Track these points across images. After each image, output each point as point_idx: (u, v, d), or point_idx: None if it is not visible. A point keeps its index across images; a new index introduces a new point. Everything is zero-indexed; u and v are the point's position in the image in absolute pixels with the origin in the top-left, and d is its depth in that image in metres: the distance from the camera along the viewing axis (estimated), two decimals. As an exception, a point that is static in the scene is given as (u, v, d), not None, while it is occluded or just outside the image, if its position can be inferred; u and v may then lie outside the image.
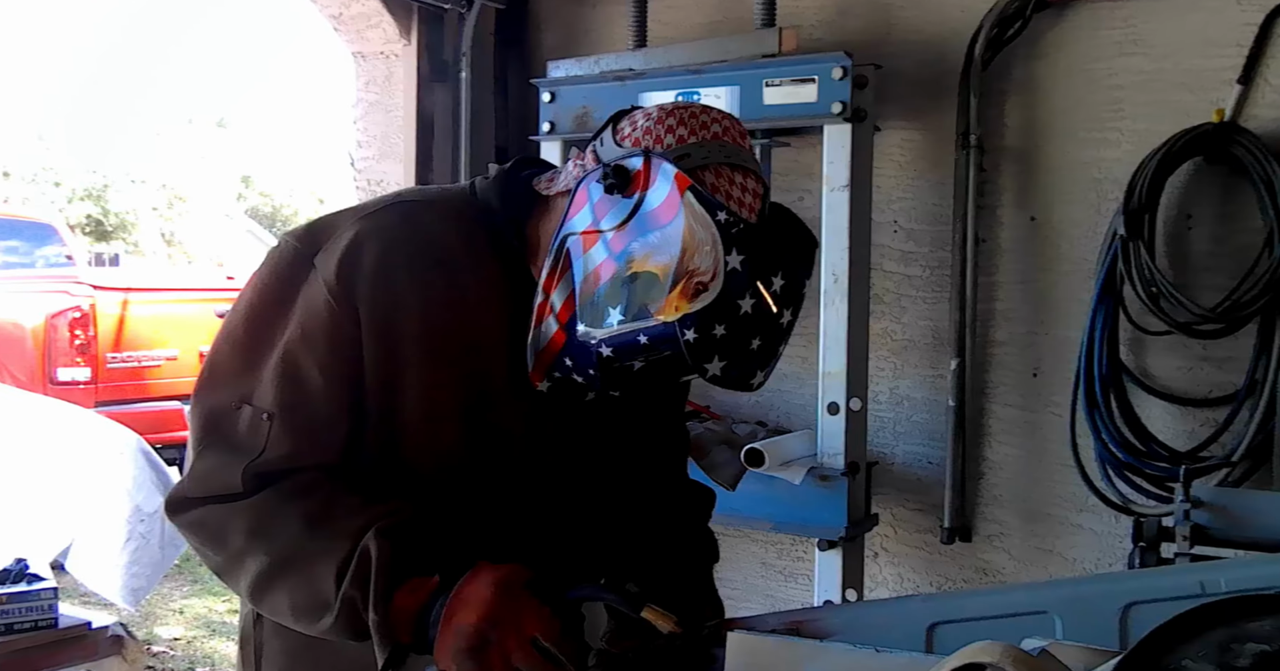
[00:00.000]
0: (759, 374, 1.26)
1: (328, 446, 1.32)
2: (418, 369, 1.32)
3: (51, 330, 7.01)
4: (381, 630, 1.19)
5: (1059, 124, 2.71)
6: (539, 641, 1.16)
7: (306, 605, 1.25)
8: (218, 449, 1.31)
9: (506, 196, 1.39)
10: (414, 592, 1.21)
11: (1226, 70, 2.49)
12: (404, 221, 1.35)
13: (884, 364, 2.93)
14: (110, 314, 7.29)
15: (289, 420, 1.29)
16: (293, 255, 1.33)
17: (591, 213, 1.26)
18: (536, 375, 1.32)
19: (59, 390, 6.68)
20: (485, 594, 1.18)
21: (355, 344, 1.30)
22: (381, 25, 3.35)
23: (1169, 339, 2.57)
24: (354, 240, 1.31)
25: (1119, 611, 1.12)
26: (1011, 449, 2.81)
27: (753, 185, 1.28)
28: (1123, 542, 2.59)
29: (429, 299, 1.32)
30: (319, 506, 1.28)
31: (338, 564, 1.22)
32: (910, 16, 2.86)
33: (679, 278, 1.18)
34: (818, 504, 2.60)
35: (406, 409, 1.33)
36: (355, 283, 1.29)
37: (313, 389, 1.30)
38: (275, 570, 1.26)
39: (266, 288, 1.34)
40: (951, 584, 2.88)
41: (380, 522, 1.23)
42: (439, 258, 1.34)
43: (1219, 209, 2.54)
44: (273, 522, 1.27)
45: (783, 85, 2.61)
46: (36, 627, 2.95)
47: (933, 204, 2.86)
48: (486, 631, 1.16)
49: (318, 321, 1.29)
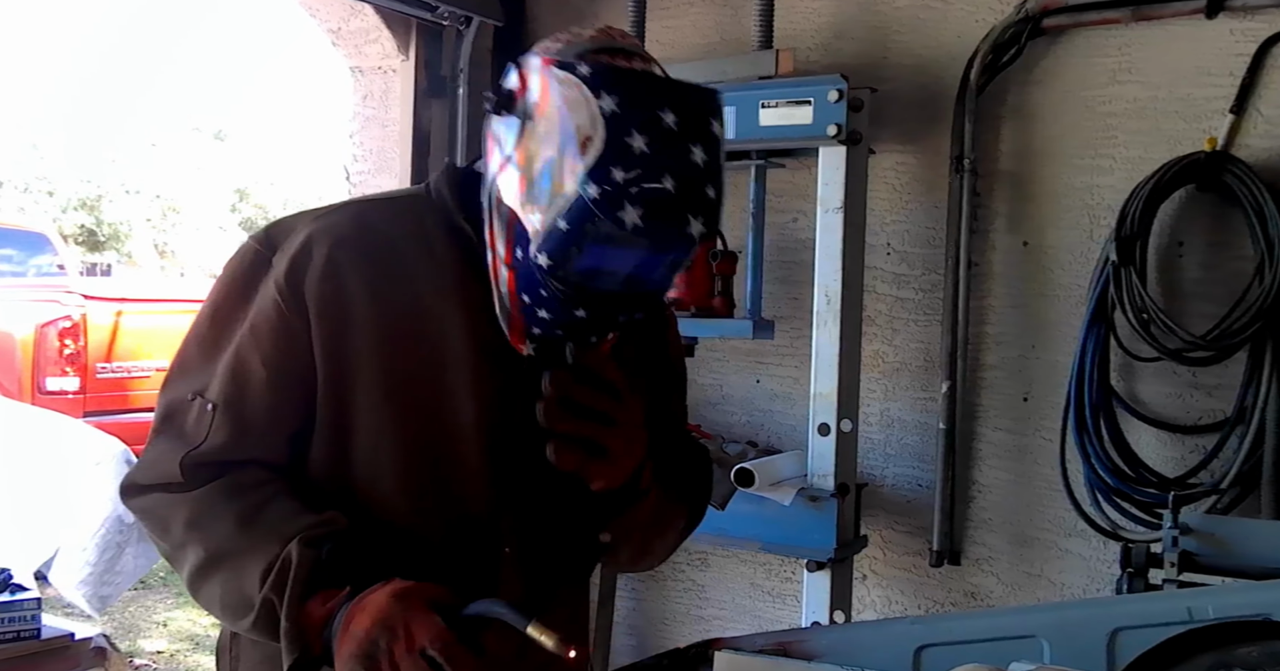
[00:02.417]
0: (692, 220, 1.16)
1: (266, 442, 1.35)
2: (370, 358, 1.33)
3: (41, 339, 6.98)
4: (290, 636, 1.21)
5: (1053, 150, 2.73)
6: (427, 651, 1.16)
7: (233, 603, 1.28)
8: (167, 437, 1.36)
9: (456, 185, 1.40)
10: (325, 603, 1.22)
11: (1219, 99, 2.51)
12: (354, 220, 1.38)
13: (875, 386, 2.93)
14: (101, 324, 7.27)
15: (229, 412, 1.33)
16: (253, 256, 1.37)
17: (497, 146, 1.25)
18: (515, 338, 1.29)
19: (47, 399, 6.65)
20: (381, 602, 1.18)
21: (304, 341, 1.32)
22: (380, 40, 3.37)
23: (1159, 365, 2.58)
24: (306, 241, 1.34)
25: (1107, 636, 1.12)
26: (1001, 473, 2.81)
27: (638, 64, 1.25)
28: (1111, 568, 2.60)
29: (378, 291, 1.34)
30: (254, 507, 1.30)
31: (263, 566, 1.24)
32: (907, 41, 2.88)
33: (565, 148, 1.15)
34: (807, 525, 2.60)
35: (358, 403, 1.34)
36: (304, 281, 1.32)
37: (255, 382, 1.33)
38: (209, 565, 1.29)
39: (228, 287, 1.38)
40: (940, 607, 2.87)
41: (308, 531, 1.25)
42: (388, 252, 1.36)
43: (1210, 237, 2.56)
44: (210, 518, 1.30)
45: (779, 107, 2.62)
46: (19, 638, 2.93)
47: (926, 227, 2.87)
48: (377, 638, 1.17)
49: (265, 319, 1.33)
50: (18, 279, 8.44)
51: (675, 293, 2.81)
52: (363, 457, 1.35)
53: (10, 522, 3.77)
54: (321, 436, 1.36)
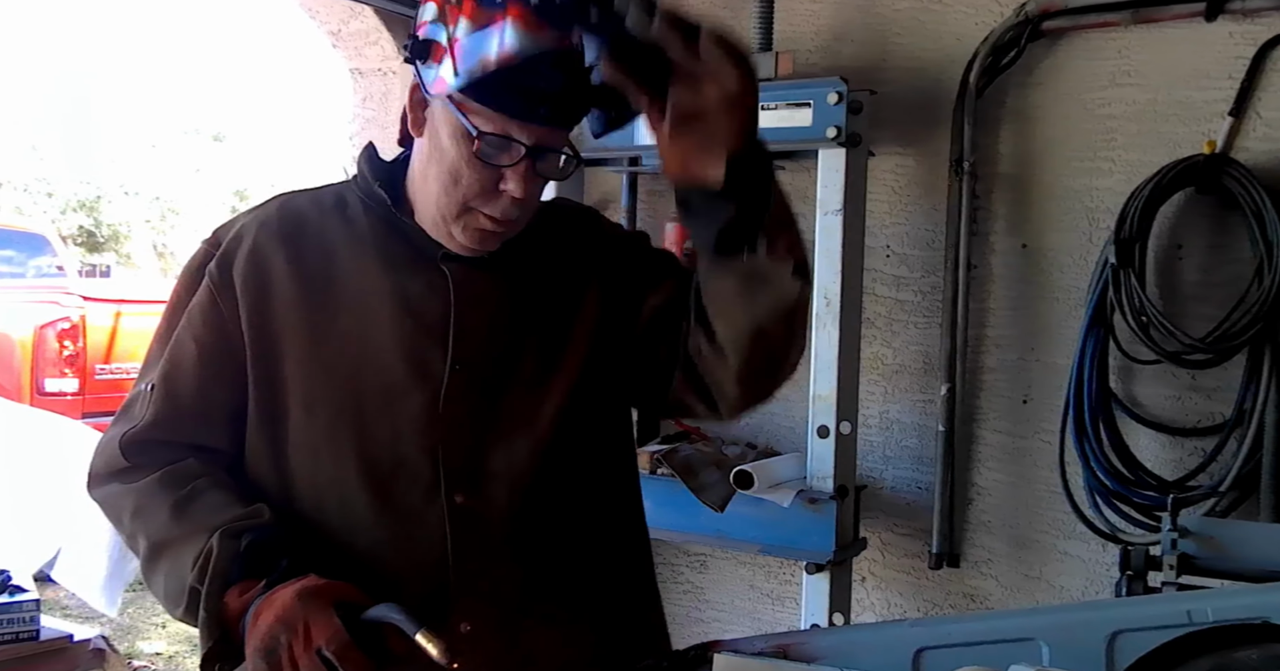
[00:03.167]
0: None
1: (200, 422, 1.42)
2: (294, 326, 1.39)
3: (40, 341, 6.98)
4: (207, 625, 1.26)
5: (1052, 152, 2.73)
6: (323, 651, 1.18)
7: (171, 592, 1.33)
8: (118, 424, 1.45)
9: (371, 159, 1.48)
10: (242, 595, 1.26)
11: (1218, 102, 2.52)
12: (280, 208, 1.47)
13: (874, 388, 2.93)
14: (100, 325, 7.27)
15: (163, 388, 1.42)
16: (201, 255, 1.46)
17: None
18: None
19: (46, 401, 6.65)
20: (287, 600, 1.22)
21: (234, 321, 1.39)
22: (380, 42, 3.37)
23: (1158, 368, 2.58)
24: (239, 231, 1.44)
25: (1106, 639, 1.12)
26: (1000, 475, 2.81)
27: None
28: (1110, 571, 2.60)
29: (298, 262, 1.41)
30: (186, 498, 1.36)
31: (193, 556, 1.29)
32: (906, 43, 2.88)
33: None
34: (806, 527, 2.60)
35: (288, 374, 1.39)
36: (233, 268, 1.41)
37: (188, 361, 1.42)
38: (152, 555, 1.36)
39: (179, 285, 1.47)
40: (939, 609, 2.87)
41: (231, 523, 1.30)
42: (307, 227, 1.44)
43: (1210, 239, 2.56)
44: (150, 508, 1.37)
45: (778, 109, 2.62)
46: (18, 639, 2.92)
47: (925, 229, 2.87)
48: (278, 633, 1.20)
49: (198, 303, 1.42)
50: (17, 280, 8.43)
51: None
52: (296, 426, 1.39)
53: (10, 524, 3.77)
54: (256, 420, 1.40)
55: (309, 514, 1.38)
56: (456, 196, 1.34)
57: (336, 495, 1.37)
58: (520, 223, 1.38)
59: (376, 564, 1.35)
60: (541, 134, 1.29)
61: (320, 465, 1.38)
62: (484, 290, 1.42)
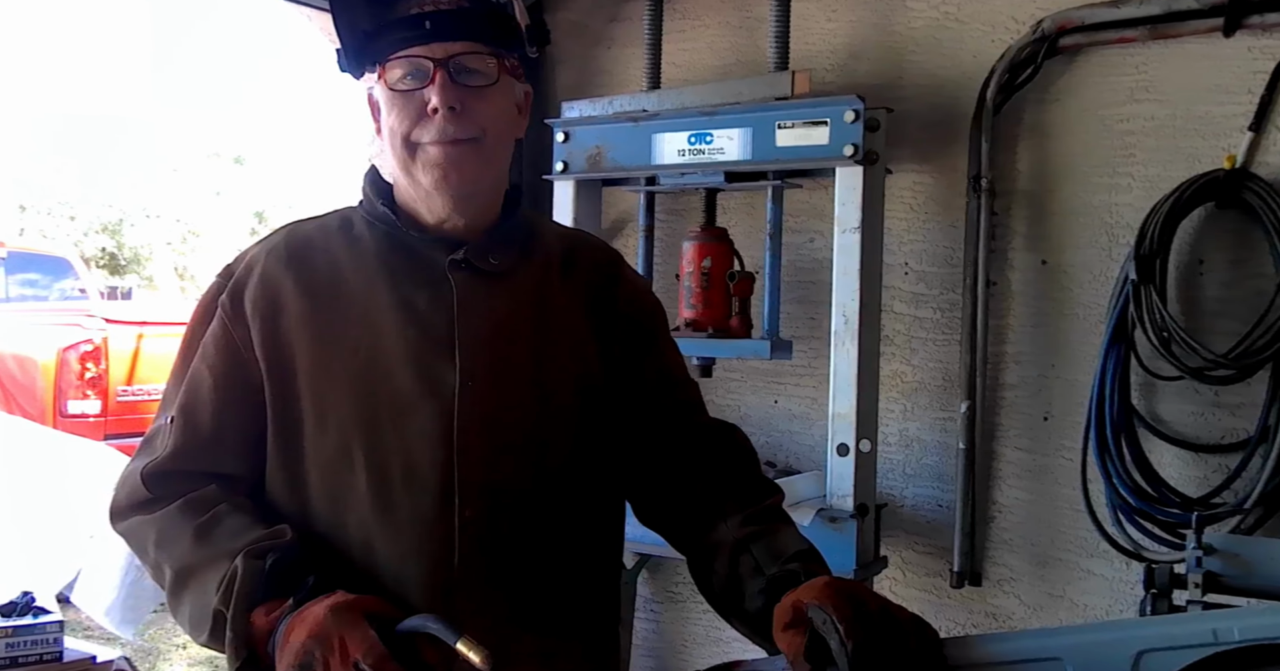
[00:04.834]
0: None
1: (219, 449, 1.43)
2: (306, 344, 1.41)
3: (63, 363, 7.04)
4: (234, 646, 1.26)
5: (1070, 168, 2.72)
6: (360, 664, 1.17)
7: (195, 617, 1.34)
8: (139, 458, 1.46)
9: (376, 180, 1.52)
10: (269, 614, 1.26)
11: (1238, 117, 2.51)
12: (286, 236, 1.51)
13: (894, 405, 2.92)
14: (122, 348, 7.32)
15: (182, 419, 1.44)
16: (215, 288, 1.49)
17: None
18: None
19: (69, 423, 6.70)
20: (319, 615, 1.21)
21: (248, 349, 1.42)
22: (398, 65, 3.39)
23: (1181, 384, 2.56)
24: (248, 263, 1.48)
25: (1132, 659, 1.11)
26: (1022, 493, 2.80)
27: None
28: (1134, 589, 2.57)
29: (307, 285, 1.44)
30: (208, 524, 1.37)
31: (217, 580, 1.30)
32: (922, 61, 2.88)
33: None
34: (826, 545, 2.55)
35: (302, 393, 1.41)
36: (244, 296, 1.44)
37: (204, 390, 1.43)
38: (176, 583, 1.36)
39: (195, 318, 1.49)
40: (961, 628, 2.85)
41: (253, 544, 1.31)
42: (315, 251, 1.47)
43: (1231, 254, 2.54)
44: (172, 536, 1.38)
45: (795, 127, 2.63)
46: (41, 661, 2.95)
47: (944, 246, 2.86)
48: (312, 649, 1.19)
49: (213, 334, 1.45)
50: (40, 303, 8.51)
51: (693, 313, 2.81)
52: (310, 440, 1.40)
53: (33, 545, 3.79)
54: (274, 440, 1.42)
55: (328, 531, 1.39)
56: (400, 140, 1.40)
57: (351, 509, 1.39)
58: (483, 158, 1.44)
59: (388, 578, 1.36)
60: (446, 48, 1.38)
61: (334, 479, 1.39)
62: (489, 300, 1.44)
